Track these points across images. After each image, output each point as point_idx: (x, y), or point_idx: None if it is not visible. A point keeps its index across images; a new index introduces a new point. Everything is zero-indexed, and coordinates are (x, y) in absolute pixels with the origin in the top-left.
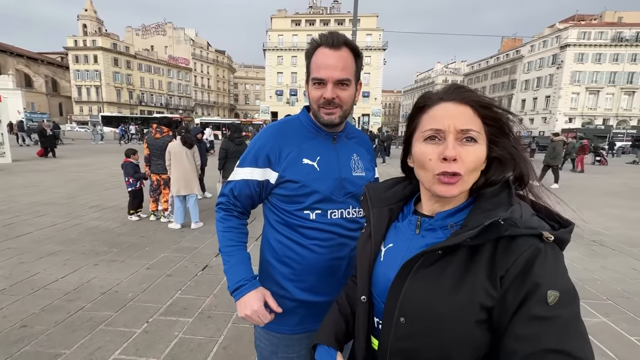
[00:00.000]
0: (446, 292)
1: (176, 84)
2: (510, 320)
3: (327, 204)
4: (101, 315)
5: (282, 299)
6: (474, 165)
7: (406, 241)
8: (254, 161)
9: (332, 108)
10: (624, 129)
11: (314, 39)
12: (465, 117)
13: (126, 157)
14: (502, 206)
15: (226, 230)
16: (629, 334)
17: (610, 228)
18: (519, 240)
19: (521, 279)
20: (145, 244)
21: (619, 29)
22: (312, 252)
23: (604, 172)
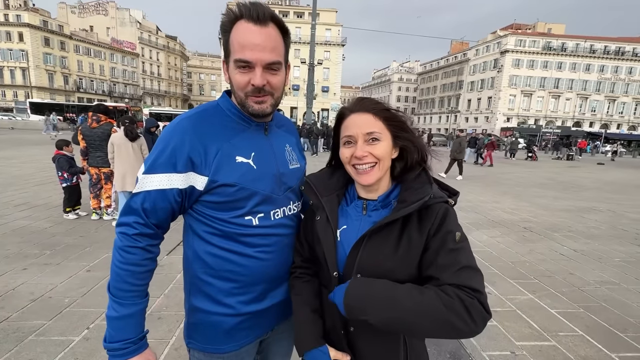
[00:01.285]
0: (391, 250)
1: (121, 70)
2: (436, 255)
3: (269, 205)
4: (31, 324)
5: (224, 316)
6: (382, 156)
7: (356, 221)
8: (171, 165)
9: (262, 96)
10: (551, 128)
11: (231, 9)
12: (368, 122)
13: (58, 149)
14: (425, 184)
15: (123, 268)
16: (550, 308)
17: (539, 216)
18: (435, 206)
19: (438, 228)
20: (85, 244)
21: (548, 39)
22: (259, 261)
23: (534, 166)
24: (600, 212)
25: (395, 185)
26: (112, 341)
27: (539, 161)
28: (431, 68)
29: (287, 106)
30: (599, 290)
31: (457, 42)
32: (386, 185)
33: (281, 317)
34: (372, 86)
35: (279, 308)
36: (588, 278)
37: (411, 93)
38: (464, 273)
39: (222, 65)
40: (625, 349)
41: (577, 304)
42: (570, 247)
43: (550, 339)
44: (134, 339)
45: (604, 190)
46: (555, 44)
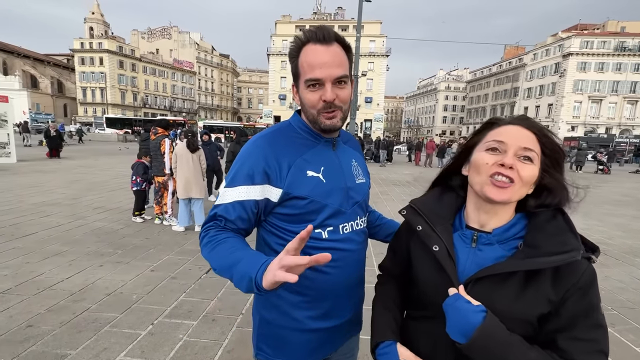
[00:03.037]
0: (508, 298)
1: (180, 87)
2: (571, 325)
3: (338, 219)
4: (106, 316)
5: (293, 331)
6: (527, 180)
7: (464, 254)
8: (249, 178)
9: (332, 111)
10: (627, 137)
11: (298, 36)
12: (529, 139)
13: (138, 158)
14: (566, 234)
15: (219, 243)
16: (635, 345)
17: (614, 237)
18: (581, 263)
19: (583, 292)
20: (149, 245)
21: (621, 39)
22: (328, 275)
23: (607, 180)
24: None
25: (517, 217)
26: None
27: (612, 174)
28: (482, 75)
29: None
30: None
31: (512, 47)
32: (507, 217)
33: (346, 337)
34: (417, 96)
35: (344, 327)
36: None
37: (459, 102)
38: (597, 358)
39: (291, 88)
40: None
41: None
42: None
43: None
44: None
45: None
46: (630, 44)
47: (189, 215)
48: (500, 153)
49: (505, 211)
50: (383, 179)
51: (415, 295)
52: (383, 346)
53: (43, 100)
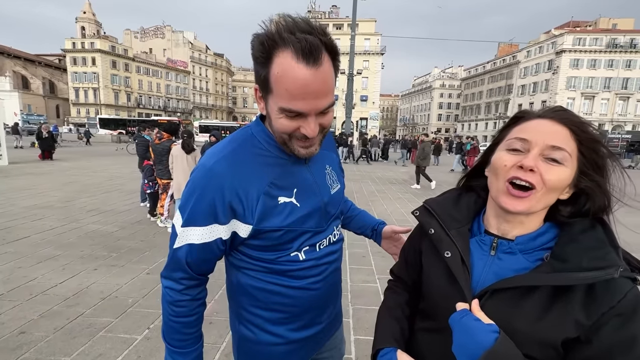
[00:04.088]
0: (530, 318)
1: (174, 87)
2: (609, 357)
3: (315, 238)
4: (101, 321)
5: (273, 345)
6: (554, 185)
7: (480, 260)
8: (212, 217)
9: (312, 139)
10: (619, 133)
11: (270, 35)
12: (559, 136)
13: (146, 160)
14: (606, 246)
15: (177, 321)
16: None
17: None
18: (621, 282)
19: (624, 320)
20: (144, 248)
21: (613, 36)
22: (309, 291)
23: None
24: None
25: (547, 226)
26: None
27: None
28: (476, 73)
29: None
30: None
31: (505, 44)
32: (534, 225)
33: (327, 335)
34: (412, 94)
35: (326, 329)
36: None
37: (454, 100)
38: None
39: (254, 92)
40: None
41: None
42: None
43: None
44: None
45: None
46: (622, 41)
47: None
48: (522, 153)
49: (531, 220)
50: (379, 177)
51: (425, 304)
52: (383, 353)
53: (35, 101)
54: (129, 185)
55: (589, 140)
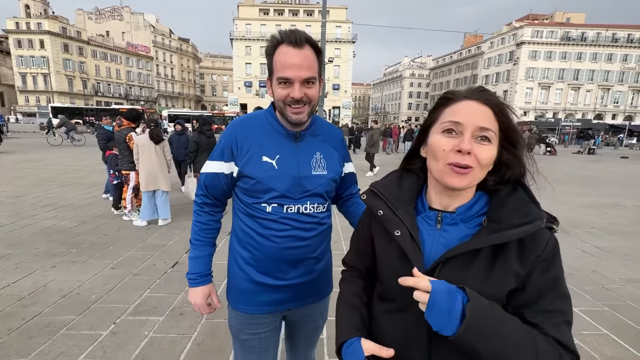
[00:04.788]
0: (478, 278)
1: (136, 73)
2: (539, 297)
3: (284, 200)
4: (62, 319)
5: (243, 280)
6: (486, 162)
7: (429, 236)
8: (221, 155)
9: (300, 106)
10: (571, 121)
11: (274, 36)
12: (486, 117)
13: (109, 149)
14: (528, 205)
15: (196, 224)
16: (574, 306)
17: (558, 212)
18: (543, 233)
19: (549, 263)
20: (108, 243)
21: (566, 29)
22: (269, 241)
23: (554, 161)
24: (625, 207)
25: (478, 195)
26: (189, 273)
27: (559, 155)
28: (444, 63)
29: None
30: (624, 289)
31: (471, 35)
32: (469, 196)
33: (296, 301)
34: (384, 83)
35: (292, 291)
36: (613, 276)
37: (423, 89)
38: (566, 329)
39: (267, 82)
40: None
41: (602, 302)
42: (593, 244)
43: (575, 338)
44: (201, 273)
45: (629, 184)
46: (574, 34)
47: (153, 209)
48: (456, 135)
49: (467, 192)
50: None
51: (383, 288)
52: (347, 345)
53: None
54: (90, 178)
55: (507, 120)
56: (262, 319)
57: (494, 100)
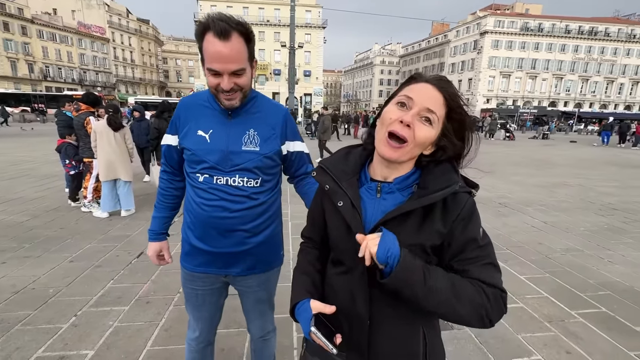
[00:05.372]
0: (409, 235)
1: (91, 57)
2: (462, 250)
3: (213, 172)
4: (16, 315)
5: (185, 242)
6: (422, 141)
7: (371, 204)
8: (170, 129)
9: (232, 94)
10: (528, 109)
11: (201, 21)
12: (436, 101)
13: (61, 138)
14: (450, 173)
15: (158, 190)
16: (519, 274)
17: (513, 192)
18: (461, 196)
19: (467, 221)
20: (65, 236)
21: (525, 20)
22: (200, 209)
23: (512, 145)
24: (571, 186)
25: (415, 169)
26: (149, 229)
27: (517, 140)
28: (413, 50)
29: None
30: (563, 257)
31: (438, 23)
32: (407, 168)
33: (229, 269)
34: (355, 70)
35: (223, 259)
36: (555, 247)
37: (394, 76)
38: (489, 270)
39: (201, 63)
40: (584, 306)
41: (544, 269)
42: (541, 219)
43: (518, 302)
44: (156, 231)
45: (575, 166)
46: (532, 25)
47: (114, 200)
48: (406, 110)
49: (404, 166)
50: None
51: (334, 254)
52: (298, 306)
53: None
54: (42, 169)
55: (457, 110)
56: (200, 278)
57: (448, 90)
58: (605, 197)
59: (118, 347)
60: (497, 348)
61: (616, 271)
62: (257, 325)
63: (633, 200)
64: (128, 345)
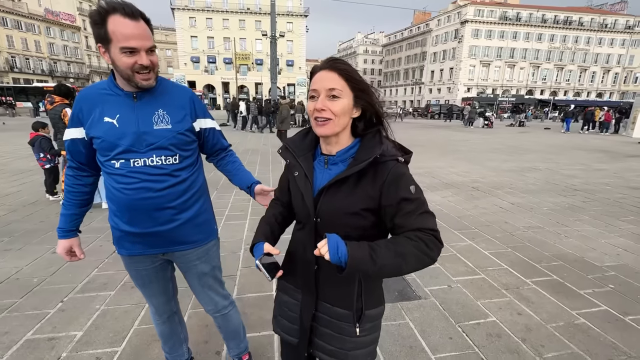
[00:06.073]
0: (344, 198)
1: (61, 46)
2: (397, 209)
3: (129, 155)
4: (2, 303)
5: (114, 229)
6: (340, 111)
7: (320, 174)
8: (72, 122)
9: (147, 73)
10: (507, 97)
11: (101, 5)
12: (332, 80)
13: (35, 131)
14: (377, 144)
15: (65, 187)
16: (484, 250)
17: (487, 177)
18: (387, 163)
19: (395, 184)
20: (46, 228)
21: (504, 9)
22: (122, 194)
23: (490, 133)
24: (540, 170)
25: (356, 142)
26: (57, 227)
27: (495, 128)
28: (395, 39)
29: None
30: (525, 234)
31: (420, 12)
32: (346, 142)
33: (164, 247)
34: None
35: (155, 237)
36: (518, 225)
37: (377, 65)
38: (424, 218)
39: (98, 48)
40: (538, 275)
41: (506, 245)
42: (509, 201)
43: (481, 273)
44: (63, 229)
45: (546, 152)
46: (510, 14)
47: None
48: (316, 99)
49: (341, 139)
50: None
51: (296, 215)
52: (256, 246)
53: None
54: (14, 164)
55: (352, 78)
56: (139, 260)
57: (339, 67)
58: (570, 180)
59: (106, 327)
60: (458, 313)
61: (570, 244)
62: (206, 301)
63: (594, 181)
64: (116, 325)
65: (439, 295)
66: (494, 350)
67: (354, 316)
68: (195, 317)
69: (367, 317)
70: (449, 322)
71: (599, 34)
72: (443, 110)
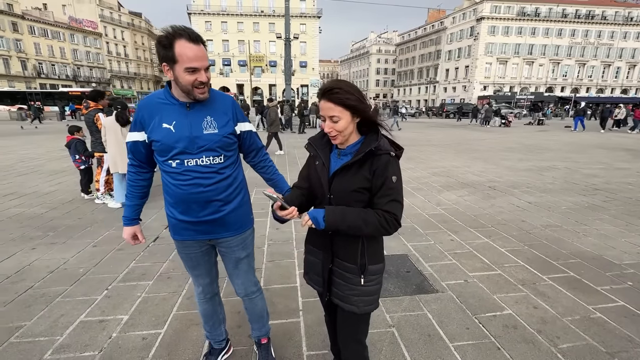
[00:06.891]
0: (350, 180)
1: (84, 52)
2: (379, 190)
3: (184, 156)
4: (55, 290)
5: (170, 218)
6: (343, 128)
7: (334, 163)
8: (134, 126)
9: (204, 88)
10: (525, 95)
11: (169, 31)
12: (330, 109)
13: (70, 134)
14: (373, 140)
15: (127, 182)
16: (500, 248)
17: (503, 176)
18: (382, 156)
19: (383, 171)
20: (85, 224)
21: (522, 4)
22: (179, 189)
23: (507, 132)
24: (558, 169)
25: (361, 139)
26: (123, 215)
27: (512, 127)
28: (409, 38)
29: (266, 83)
30: (543, 232)
31: (434, 10)
32: (353, 140)
33: (212, 233)
34: (351, 59)
35: (206, 225)
36: (536, 223)
37: (390, 65)
38: (393, 204)
39: (163, 67)
40: (555, 272)
41: (523, 243)
42: (526, 200)
43: (497, 269)
44: (128, 217)
45: (564, 150)
46: (529, 10)
47: (125, 190)
48: (324, 121)
49: (349, 139)
50: None
51: (315, 198)
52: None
53: None
54: (49, 165)
55: (343, 102)
56: (190, 245)
57: (332, 97)
58: (590, 179)
59: (149, 312)
60: (474, 305)
61: (589, 243)
62: (239, 284)
63: (615, 181)
64: (157, 311)
65: (455, 289)
66: (510, 340)
67: (359, 269)
68: (228, 305)
69: (369, 270)
70: (466, 313)
71: (624, 28)
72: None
